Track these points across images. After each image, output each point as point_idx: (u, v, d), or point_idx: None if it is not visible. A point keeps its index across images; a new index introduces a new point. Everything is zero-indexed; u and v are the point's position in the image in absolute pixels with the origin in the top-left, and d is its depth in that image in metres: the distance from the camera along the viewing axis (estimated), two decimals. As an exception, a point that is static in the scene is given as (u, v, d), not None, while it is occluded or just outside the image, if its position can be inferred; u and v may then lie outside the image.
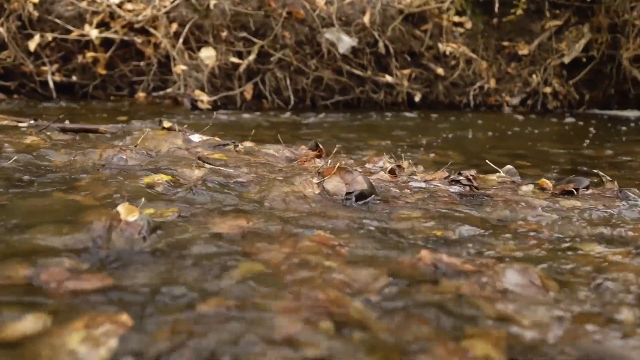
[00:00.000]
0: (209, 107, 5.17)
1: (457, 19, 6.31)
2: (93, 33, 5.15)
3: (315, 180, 1.41)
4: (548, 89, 6.35)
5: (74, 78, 5.32)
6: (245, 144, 2.22)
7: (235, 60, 5.43)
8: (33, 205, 1.06)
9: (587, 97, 6.45)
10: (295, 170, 1.59)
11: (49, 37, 5.14)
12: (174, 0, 5.37)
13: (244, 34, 5.51)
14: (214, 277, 0.79)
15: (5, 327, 0.60)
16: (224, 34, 5.42)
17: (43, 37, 5.12)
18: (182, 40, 5.32)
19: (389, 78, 5.82)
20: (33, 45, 5.08)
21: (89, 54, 5.25)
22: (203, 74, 5.31)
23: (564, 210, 1.38)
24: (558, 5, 6.51)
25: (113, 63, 5.43)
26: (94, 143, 1.93)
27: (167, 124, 2.31)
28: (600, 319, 0.76)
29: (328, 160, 1.75)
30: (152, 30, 5.33)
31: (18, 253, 0.82)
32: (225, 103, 5.44)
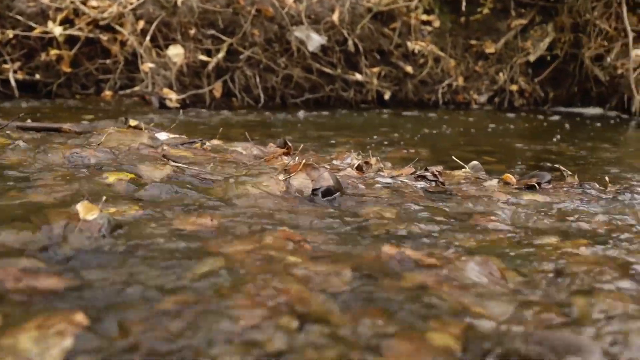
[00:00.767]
0: (178, 105, 5.11)
1: (425, 18, 6.39)
2: (56, 30, 5.03)
3: (282, 177, 1.41)
4: (514, 87, 6.48)
5: (37, 76, 5.19)
6: (213, 142, 2.20)
7: (204, 58, 5.37)
8: (-11, 205, 1.03)
9: (551, 94, 6.61)
10: (262, 168, 1.58)
11: (10, 34, 5.00)
12: (141, -3, 5.29)
13: (213, 32, 5.46)
14: (175, 274, 0.78)
15: (-45, 329, 0.58)
16: (192, 32, 5.36)
17: (4, 34, 4.98)
18: (149, 38, 5.24)
19: (359, 76, 5.85)
20: (-7, 43, 4.93)
21: (53, 52, 5.12)
22: (171, 72, 5.24)
23: (526, 204, 1.41)
24: (523, 5, 6.64)
25: (78, 61, 5.32)
26: (56, 142, 1.88)
27: (133, 123, 2.27)
28: (557, 309, 0.78)
29: (295, 157, 1.75)
30: (118, 28, 5.23)
31: (-29, 254, 0.79)
32: (195, 101, 5.39)
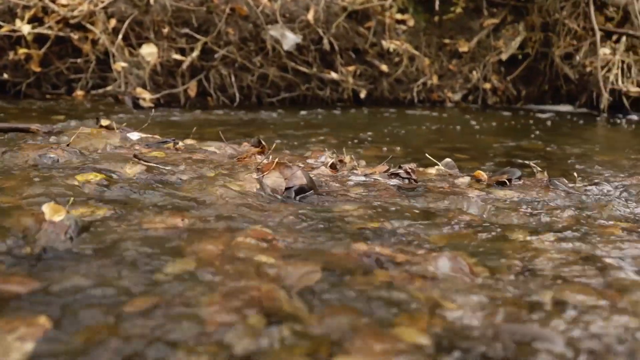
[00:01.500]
0: (152, 105, 5.04)
1: (399, 17, 6.43)
2: (25, 28, 4.92)
3: (255, 176, 1.40)
4: (487, 85, 6.57)
5: (5, 76, 5.06)
6: (187, 142, 2.18)
7: (178, 57, 5.32)
8: (-49, 208, 1.00)
9: (523, 92, 6.72)
10: (236, 167, 1.57)
11: (-23, 32, 4.87)
12: (112, -5, 5.20)
13: (187, 31, 5.40)
14: (144, 276, 0.77)
15: None
16: (166, 30, 5.30)
17: (-30, 32, 4.85)
18: (121, 37, 5.16)
19: (335, 75, 5.86)
20: (-41, 41, 4.80)
21: (21, 51, 5.01)
22: (144, 71, 5.17)
23: (496, 200, 1.43)
24: (495, 4, 6.74)
25: (48, 60, 5.20)
26: (24, 142, 1.84)
27: (105, 123, 2.23)
28: (524, 303, 0.79)
29: (269, 156, 1.75)
30: (89, 26, 5.14)
31: None
32: (169, 101, 5.33)
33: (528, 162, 2.01)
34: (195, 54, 5.35)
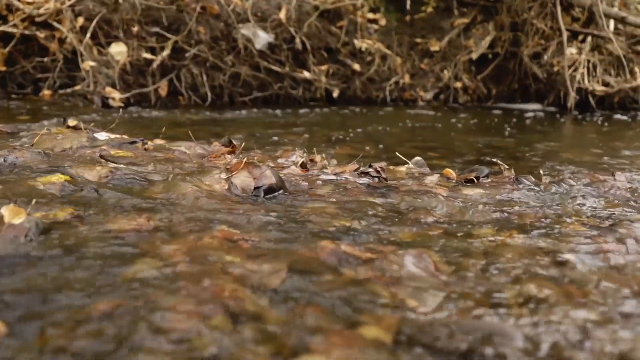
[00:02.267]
0: (122, 104, 4.97)
1: (371, 16, 6.46)
2: (-11, 26, 4.78)
3: (224, 176, 1.39)
4: (458, 84, 6.66)
5: (-31, 75, 4.92)
6: (156, 142, 2.15)
7: (148, 56, 5.24)
8: None
9: (494, 91, 6.83)
10: (205, 167, 1.56)
11: (-62, 30, 4.72)
12: (80, -7, 5.10)
13: (157, 29, 5.33)
14: (107, 277, 0.76)
15: None
16: (135, 29, 5.22)
17: None
18: (89, 35, 5.07)
19: (307, 74, 5.86)
20: None
21: (-15, 49, 4.87)
22: (114, 71, 5.09)
23: (464, 198, 1.45)
24: (465, 4, 6.83)
25: (14, 59, 5.07)
26: (-14, 144, 1.79)
27: (72, 123, 2.19)
28: (486, 299, 0.81)
29: (239, 156, 1.74)
30: (56, 25, 5.03)
31: None
32: (140, 100, 5.25)
33: (495, 160, 2.04)
34: (166, 53, 5.29)
